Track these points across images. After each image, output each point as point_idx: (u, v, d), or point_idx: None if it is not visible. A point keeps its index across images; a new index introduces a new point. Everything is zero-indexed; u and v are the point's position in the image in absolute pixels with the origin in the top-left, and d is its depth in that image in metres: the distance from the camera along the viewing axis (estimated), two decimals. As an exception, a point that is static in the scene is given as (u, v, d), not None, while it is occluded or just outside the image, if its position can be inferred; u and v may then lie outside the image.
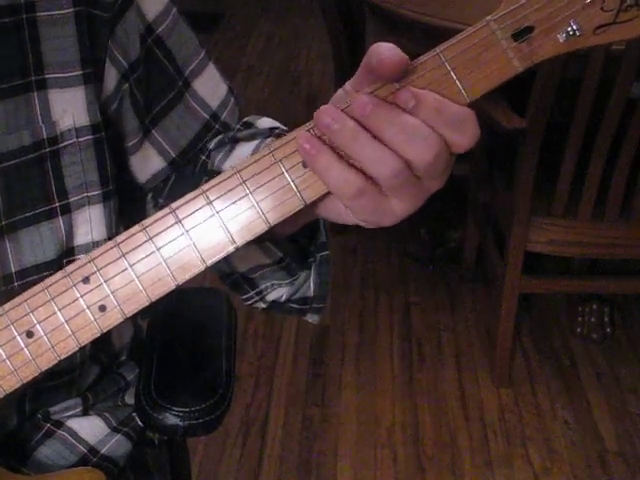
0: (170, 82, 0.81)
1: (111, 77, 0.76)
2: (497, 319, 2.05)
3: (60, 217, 0.75)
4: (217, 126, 0.86)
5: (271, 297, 0.81)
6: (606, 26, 0.57)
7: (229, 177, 0.59)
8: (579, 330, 2.28)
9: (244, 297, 0.82)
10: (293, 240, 0.76)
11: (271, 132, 0.80)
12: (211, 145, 0.86)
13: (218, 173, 0.79)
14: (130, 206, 0.85)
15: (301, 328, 2.33)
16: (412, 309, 2.40)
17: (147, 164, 0.83)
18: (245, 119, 0.87)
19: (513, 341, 2.10)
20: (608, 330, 2.27)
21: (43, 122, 0.72)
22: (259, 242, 0.73)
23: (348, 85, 0.61)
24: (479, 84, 0.57)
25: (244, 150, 0.80)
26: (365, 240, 2.65)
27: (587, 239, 1.91)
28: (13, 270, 0.74)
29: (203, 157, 0.85)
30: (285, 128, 0.82)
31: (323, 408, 2.07)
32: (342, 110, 0.57)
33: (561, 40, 0.57)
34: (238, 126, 0.86)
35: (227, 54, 4.20)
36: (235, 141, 0.83)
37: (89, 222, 0.77)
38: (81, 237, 0.77)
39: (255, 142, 0.80)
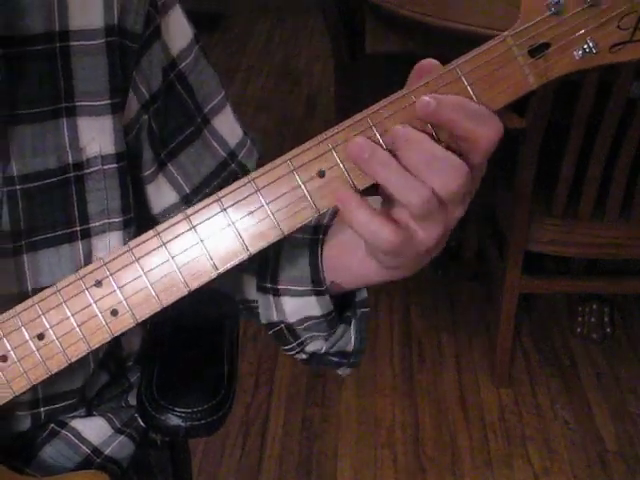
0: (189, 118, 0.80)
1: (132, 106, 0.76)
2: (497, 319, 2.06)
3: (80, 241, 0.76)
4: (234, 165, 0.84)
5: (310, 348, 0.82)
6: (622, 44, 0.57)
7: (244, 185, 0.58)
8: (579, 330, 2.28)
9: (286, 347, 0.82)
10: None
11: None
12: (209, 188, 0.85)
13: None
14: None
15: (301, 328, 2.33)
16: (412, 309, 2.40)
17: (160, 197, 0.83)
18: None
19: (513, 341, 2.10)
20: (608, 330, 2.27)
21: (70, 147, 0.72)
22: (320, 295, 0.75)
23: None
24: (495, 100, 0.58)
25: None
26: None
27: (587, 239, 1.91)
28: (29, 288, 0.74)
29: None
30: None
31: (323, 408, 2.07)
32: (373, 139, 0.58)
33: (577, 57, 0.57)
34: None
35: (227, 54, 4.20)
36: None
37: (108, 248, 0.77)
38: None
39: None
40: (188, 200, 0.84)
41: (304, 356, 0.83)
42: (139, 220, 0.81)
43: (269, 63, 4.14)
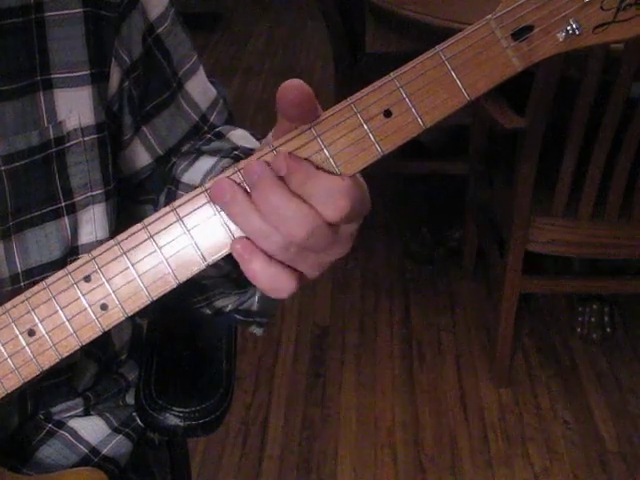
0: (165, 82, 0.81)
1: (115, 75, 0.76)
2: (497, 319, 2.06)
3: (66, 217, 0.76)
4: (206, 127, 0.86)
5: (218, 304, 0.82)
6: (605, 25, 0.57)
7: (231, 175, 0.59)
8: (579, 330, 2.28)
9: (192, 300, 0.83)
10: None
11: (231, 152, 0.80)
12: (183, 149, 0.86)
13: (178, 181, 0.79)
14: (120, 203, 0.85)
15: (301, 328, 2.33)
16: (412, 309, 2.40)
17: (134, 159, 0.83)
18: (218, 129, 0.87)
19: (513, 341, 2.10)
20: (608, 330, 2.27)
21: (49, 122, 0.72)
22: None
23: (271, 132, 0.60)
24: (479, 83, 0.57)
25: (203, 165, 0.80)
26: (365, 240, 2.65)
27: (587, 239, 1.91)
28: (20, 270, 0.74)
29: (174, 159, 0.85)
30: (251, 146, 0.81)
31: (323, 408, 2.07)
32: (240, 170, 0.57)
33: (560, 39, 0.57)
34: (209, 136, 0.86)
35: (227, 54, 4.20)
36: (200, 153, 0.83)
37: (93, 221, 0.77)
38: (85, 236, 0.78)
39: (215, 159, 0.80)
40: (161, 161, 0.84)
41: (209, 311, 0.83)
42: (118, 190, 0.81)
43: (269, 63, 4.14)
